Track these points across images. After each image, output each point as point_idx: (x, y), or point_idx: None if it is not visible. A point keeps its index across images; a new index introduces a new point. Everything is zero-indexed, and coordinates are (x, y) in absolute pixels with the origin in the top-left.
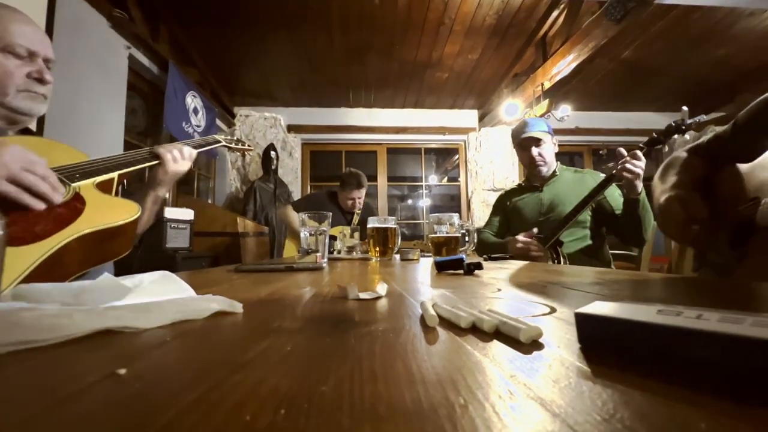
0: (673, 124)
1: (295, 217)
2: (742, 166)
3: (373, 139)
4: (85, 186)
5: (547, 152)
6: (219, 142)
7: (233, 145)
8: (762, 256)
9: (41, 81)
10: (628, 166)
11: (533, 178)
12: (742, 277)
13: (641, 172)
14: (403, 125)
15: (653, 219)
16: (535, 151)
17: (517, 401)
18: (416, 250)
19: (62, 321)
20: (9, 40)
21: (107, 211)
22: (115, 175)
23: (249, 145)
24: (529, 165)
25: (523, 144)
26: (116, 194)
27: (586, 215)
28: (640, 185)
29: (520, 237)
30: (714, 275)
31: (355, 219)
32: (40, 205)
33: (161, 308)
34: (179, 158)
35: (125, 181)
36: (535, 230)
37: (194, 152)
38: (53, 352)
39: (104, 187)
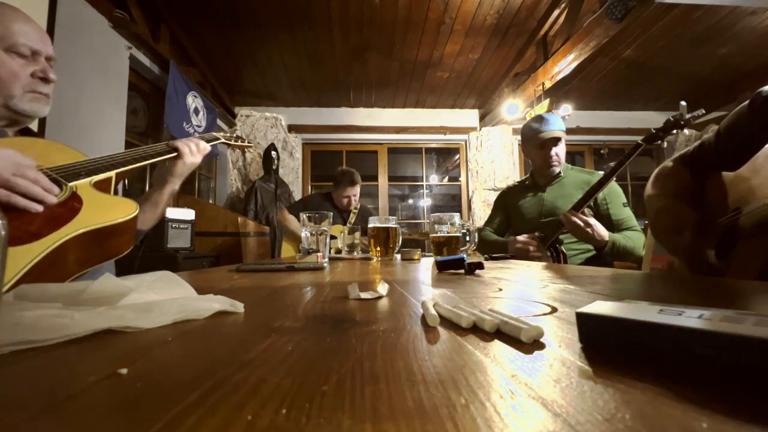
0: (672, 119)
1: (292, 220)
2: (728, 175)
3: (374, 139)
4: (82, 185)
5: (562, 152)
6: (218, 139)
7: (233, 142)
8: (744, 265)
9: (46, 80)
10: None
11: (540, 177)
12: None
13: (583, 234)
14: (403, 125)
15: (638, 244)
16: (553, 150)
17: (518, 401)
18: (417, 249)
19: (64, 321)
20: (12, 39)
21: (104, 210)
22: (113, 173)
23: (249, 142)
24: (543, 165)
25: (543, 143)
26: (115, 193)
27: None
28: (597, 242)
29: (521, 237)
30: None
31: (352, 218)
32: (34, 207)
33: (162, 308)
34: (195, 151)
35: (126, 180)
36: (537, 234)
37: (208, 146)
38: (55, 352)
39: (102, 186)
